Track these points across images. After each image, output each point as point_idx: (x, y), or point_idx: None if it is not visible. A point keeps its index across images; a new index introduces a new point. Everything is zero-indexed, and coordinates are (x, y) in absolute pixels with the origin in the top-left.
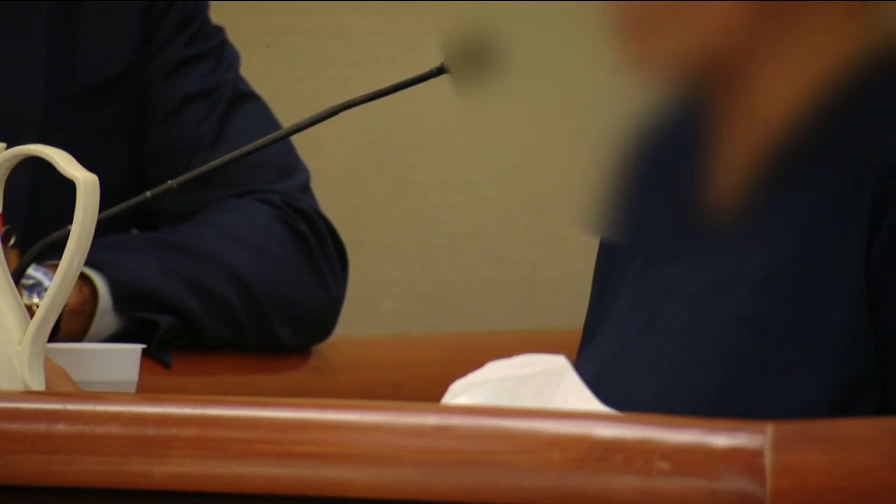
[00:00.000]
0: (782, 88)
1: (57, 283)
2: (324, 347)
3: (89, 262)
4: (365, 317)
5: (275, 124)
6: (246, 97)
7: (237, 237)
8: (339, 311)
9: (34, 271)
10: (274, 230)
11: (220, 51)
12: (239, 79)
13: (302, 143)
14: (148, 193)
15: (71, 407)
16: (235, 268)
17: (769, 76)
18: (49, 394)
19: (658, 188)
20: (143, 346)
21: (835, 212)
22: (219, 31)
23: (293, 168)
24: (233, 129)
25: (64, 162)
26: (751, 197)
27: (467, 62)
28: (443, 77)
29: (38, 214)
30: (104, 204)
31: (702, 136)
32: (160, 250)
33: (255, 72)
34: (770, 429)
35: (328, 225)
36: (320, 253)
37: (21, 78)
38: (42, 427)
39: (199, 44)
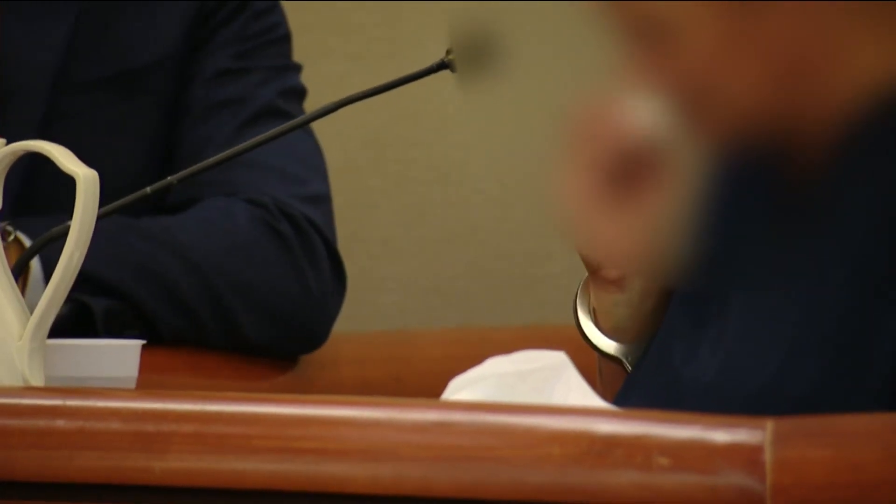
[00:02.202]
0: (844, 95)
1: (56, 279)
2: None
3: (31, 237)
4: (364, 312)
5: (304, 142)
6: (279, 113)
7: (210, 231)
8: (329, 317)
9: None
10: (252, 229)
11: (274, 72)
12: (284, 98)
13: None
14: (148, 189)
15: (71, 403)
16: (197, 259)
17: (827, 91)
18: (49, 389)
19: (729, 201)
20: (143, 341)
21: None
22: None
23: (302, 178)
24: (250, 133)
25: (64, 158)
26: (823, 192)
27: (468, 57)
28: (443, 72)
29: (30, 209)
30: (109, 198)
31: (767, 156)
32: (119, 234)
33: None
34: (770, 424)
35: (322, 235)
36: (303, 255)
37: (39, 55)
38: (42, 423)
39: (253, 60)
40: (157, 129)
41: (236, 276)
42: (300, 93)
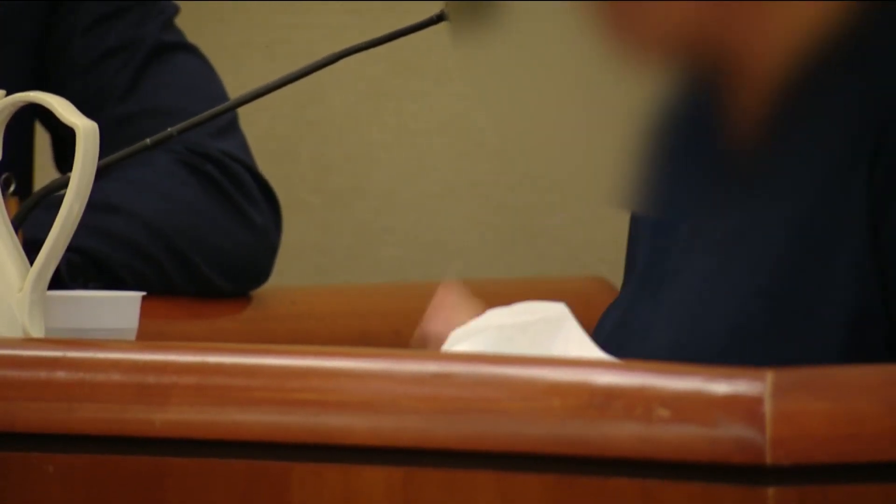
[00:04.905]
0: (774, 46)
1: (56, 230)
2: (324, 295)
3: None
4: (364, 265)
5: (197, 74)
6: (169, 48)
7: (138, 186)
8: (274, 250)
9: None
10: (177, 174)
11: (146, 5)
12: (166, 30)
13: (301, 91)
14: (148, 141)
15: (71, 354)
16: (139, 213)
17: (759, 37)
18: (49, 341)
19: (677, 152)
20: (143, 293)
21: (840, 156)
22: None
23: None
24: (147, 80)
25: (63, 109)
26: (763, 150)
27: (467, 9)
28: (442, 24)
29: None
30: None
31: (708, 105)
32: (51, 209)
33: (254, 20)
34: (770, 376)
35: (244, 164)
36: (235, 191)
37: None
38: (42, 374)
39: (121, 0)
40: (28, 80)
41: (181, 223)
42: (175, 15)
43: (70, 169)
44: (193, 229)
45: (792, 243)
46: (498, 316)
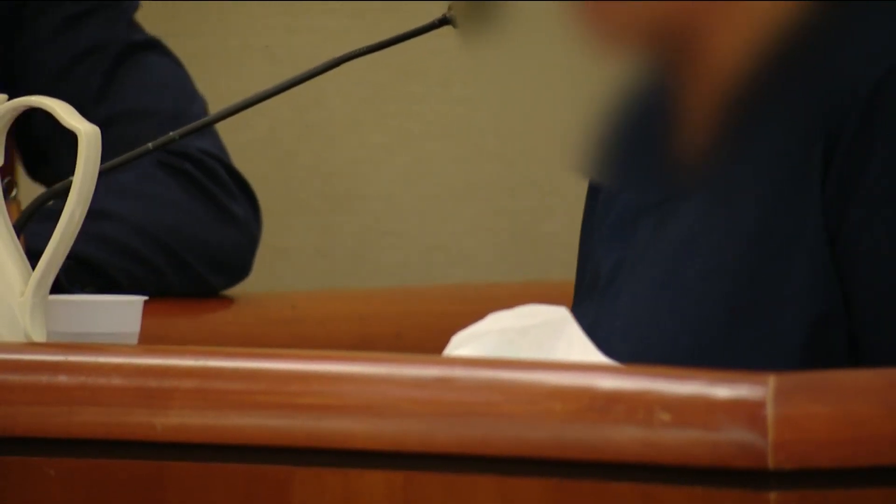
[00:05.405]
0: (731, 45)
1: (58, 236)
2: (325, 299)
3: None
4: (365, 269)
5: (169, 73)
6: (138, 47)
7: (121, 189)
8: (255, 242)
9: None
10: (157, 175)
11: (111, 4)
12: (132, 29)
13: (301, 95)
14: (150, 145)
15: (72, 358)
16: (127, 216)
17: (717, 34)
18: (51, 345)
19: (634, 150)
20: (146, 297)
21: (793, 159)
22: None
23: (183, 111)
24: (119, 81)
25: (65, 113)
26: (716, 151)
27: (470, 13)
28: (445, 28)
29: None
30: None
31: (667, 100)
32: (45, 220)
33: (255, 23)
34: (772, 380)
35: (220, 161)
36: (215, 188)
37: None
38: (44, 378)
39: (87, 1)
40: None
41: (170, 224)
42: (136, 11)
43: (47, 176)
44: (183, 228)
45: (749, 246)
46: (500, 319)
